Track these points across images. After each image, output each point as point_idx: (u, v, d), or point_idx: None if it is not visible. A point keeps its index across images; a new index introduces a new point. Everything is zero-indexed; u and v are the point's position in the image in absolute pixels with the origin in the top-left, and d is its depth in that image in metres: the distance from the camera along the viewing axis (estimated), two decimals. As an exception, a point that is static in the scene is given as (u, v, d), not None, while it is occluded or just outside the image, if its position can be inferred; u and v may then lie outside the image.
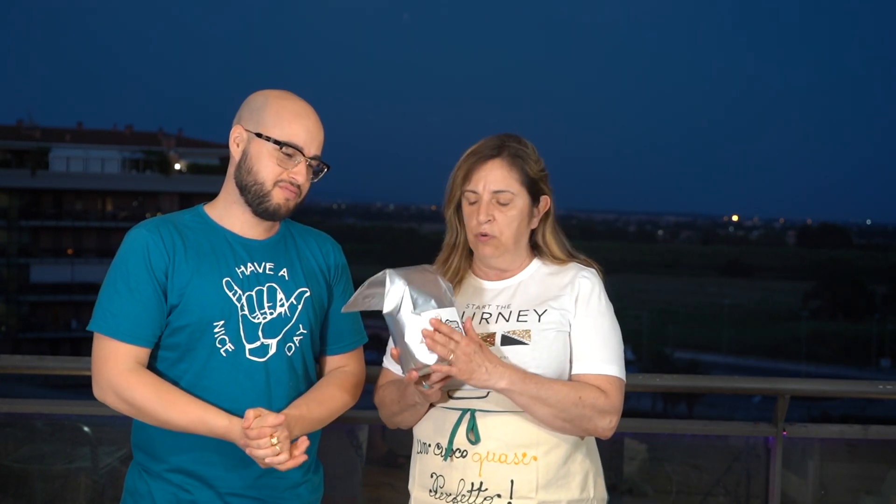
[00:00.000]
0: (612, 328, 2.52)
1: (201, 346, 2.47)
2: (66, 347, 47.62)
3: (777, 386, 3.69)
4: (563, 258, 2.61)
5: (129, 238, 2.50)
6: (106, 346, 2.45)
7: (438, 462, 2.49)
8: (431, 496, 2.50)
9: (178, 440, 2.46)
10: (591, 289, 2.53)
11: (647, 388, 3.66)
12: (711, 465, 3.94)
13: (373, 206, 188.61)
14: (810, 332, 65.83)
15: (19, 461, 3.91)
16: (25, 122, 57.00)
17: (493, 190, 2.52)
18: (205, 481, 2.48)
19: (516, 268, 2.61)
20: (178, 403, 2.42)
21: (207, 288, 2.47)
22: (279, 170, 2.50)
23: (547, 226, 2.63)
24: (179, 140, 57.28)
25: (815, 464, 3.87)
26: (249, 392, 2.48)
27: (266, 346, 2.52)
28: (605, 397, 2.44)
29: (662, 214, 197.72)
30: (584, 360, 2.48)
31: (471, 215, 2.55)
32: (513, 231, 2.54)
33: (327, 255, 2.69)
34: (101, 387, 2.46)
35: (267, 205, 2.51)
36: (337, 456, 3.62)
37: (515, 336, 2.48)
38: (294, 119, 2.51)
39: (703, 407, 45.52)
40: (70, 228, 51.41)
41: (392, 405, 2.57)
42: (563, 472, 2.46)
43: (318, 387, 2.62)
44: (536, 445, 2.44)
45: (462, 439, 2.46)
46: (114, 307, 2.45)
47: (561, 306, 2.50)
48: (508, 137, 2.58)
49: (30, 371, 3.71)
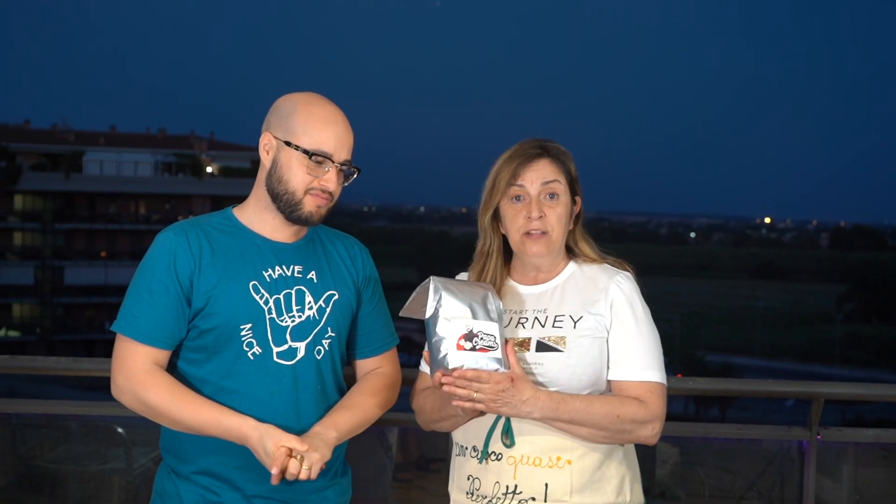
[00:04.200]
0: (649, 332, 2.51)
1: (228, 348, 2.49)
2: (99, 349, 47.95)
3: (811, 389, 3.67)
4: (596, 258, 2.61)
5: (157, 242, 2.52)
6: (125, 347, 2.48)
7: (474, 465, 2.50)
8: (468, 498, 2.51)
9: (205, 443, 2.47)
10: (628, 293, 2.52)
11: (680, 391, 3.65)
12: (745, 469, 3.91)
13: (403, 209, 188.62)
14: (844, 334, 65.23)
15: (54, 462, 3.94)
16: (60, 127, 57.47)
17: (543, 181, 2.53)
18: (231, 483, 2.49)
19: (554, 271, 2.60)
20: (192, 404, 2.43)
21: (234, 291, 2.49)
22: (310, 178, 2.50)
23: (578, 228, 2.63)
24: (211, 143, 57.59)
25: (850, 468, 3.84)
26: (277, 395, 2.49)
27: (294, 349, 2.52)
28: (644, 408, 2.44)
29: (694, 216, 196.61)
30: (623, 367, 2.47)
31: (517, 214, 2.55)
32: (562, 227, 2.55)
33: (355, 259, 2.69)
34: (119, 386, 2.49)
35: (299, 213, 2.52)
36: (366, 458, 3.63)
37: (550, 342, 2.47)
38: (323, 126, 2.51)
39: (735, 410, 45.22)
40: (103, 231, 51.81)
41: (432, 413, 2.58)
42: (597, 476, 2.45)
43: (351, 395, 2.62)
44: (571, 449, 2.44)
45: (497, 442, 2.47)
46: (136, 309, 2.48)
47: (597, 311, 2.50)
48: (546, 140, 2.60)
49: (64, 373, 3.74)
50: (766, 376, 48.70)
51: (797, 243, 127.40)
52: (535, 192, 2.54)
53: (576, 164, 2.62)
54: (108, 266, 50.90)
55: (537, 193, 2.54)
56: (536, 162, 2.56)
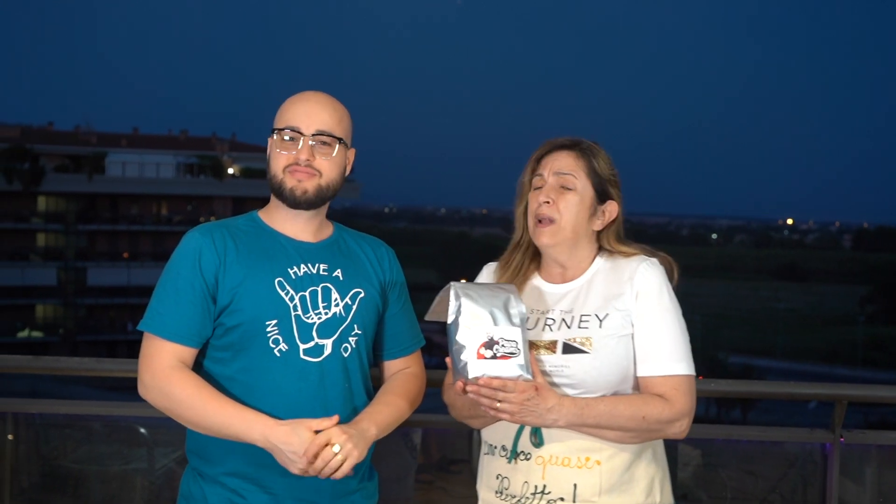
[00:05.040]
0: (676, 323, 2.50)
1: (254, 345, 2.48)
2: (122, 350, 48.16)
3: (834, 392, 3.64)
4: (628, 251, 2.59)
5: (183, 242, 2.54)
6: (152, 345, 2.48)
7: (503, 464, 2.50)
8: (497, 497, 2.51)
9: (233, 443, 2.46)
10: (652, 283, 2.50)
11: (702, 393, 3.59)
12: (767, 471, 3.89)
13: (424, 210, 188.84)
14: (867, 336, 64.80)
15: (77, 462, 3.96)
16: (82, 128, 57.81)
17: (558, 172, 2.56)
18: (259, 484, 2.48)
19: (579, 267, 2.59)
20: (217, 401, 2.42)
21: (259, 287, 2.49)
22: (285, 156, 2.56)
23: (611, 231, 2.61)
24: (233, 144, 57.75)
25: (873, 471, 3.81)
26: (304, 392, 2.48)
27: (321, 346, 2.52)
28: (670, 406, 2.43)
29: (716, 218, 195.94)
30: (650, 362, 2.46)
31: (533, 200, 2.58)
32: (572, 216, 2.54)
33: (382, 260, 2.70)
34: (145, 384, 2.48)
35: (285, 192, 2.56)
36: (390, 459, 3.62)
37: (576, 344, 2.46)
38: (290, 105, 2.59)
39: (757, 412, 44.98)
40: (126, 232, 52.03)
41: (463, 409, 2.58)
42: (626, 476, 2.45)
43: (383, 394, 2.62)
44: (600, 450, 2.43)
45: (526, 442, 2.47)
46: (162, 307, 2.49)
47: (623, 306, 2.48)
48: (580, 138, 2.63)
49: (87, 373, 3.76)
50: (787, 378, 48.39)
51: (819, 244, 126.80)
52: (551, 180, 2.57)
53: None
54: (131, 267, 51.11)
55: (552, 182, 2.56)
56: (557, 153, 2.60)
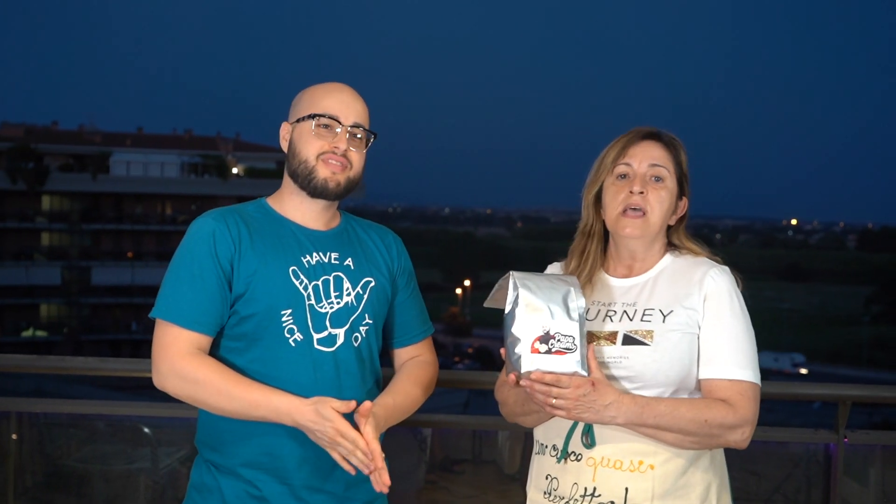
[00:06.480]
0: (744, 329, 2.40)
1: (269, 335, 2.46)
2: (126, 349, 48.21)
3: (838, 392, 3.64)
4: (697, 251, 2.53)
5: (195, 226, 2.49)
6: (168, 332, 2.43)
7: (553, 464, 2.43)
8: (545, 498, 2.43)
9: (247, 434, 2.44)
10: (723, 288, 2.42)
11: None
12: (771, 471, 3.89)
13: (428, 210, 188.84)
14: (871, 337, 64.79)
15: (81, 461, 3.97)
16: (87, 128, 57.83)
17: (650, 163, 2.49)
18: (275, 474, 2.45)
19: (648, 262, 2.52)
20: (243, 382, 2.38)
21: (274, 276, 2.46)
22: (320, 142, 2.52)
23: (681, 228, 2.57)
24: (237, 144, 57.78)
25: (877, 471, 3.81)
26: (320, 383, 2.45)
27: (334, 335, 2.50)
28: (733, 412, 2.33)
29: (720, 218, 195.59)
30: (714, 365, 2.37)
31: (619, 190, 2.49)
32: (662, 211, 2.48)
33: (390, 247, 2.69)
34: (162, 372, 2.42)
35: (315, 181, 2.52)
36: (400, 455, 3.62)
37: (637, 336, 2.38)
38: (326, 93, 2.56)
39: (761, 412, 44.59)
40: (130, 232, 52.04)
41: (514, 406, 2.51)
42: (681, 482, 2.35)
43: (397, 381, 2.60)
44: (654, 454, 2.34)
45: (577, 442, 2.38)
46: (177, 294, 2.44)
47: (690, 305, 2.40)
48: (663, 130, 2.56)
49: (91, 372, 3.76)
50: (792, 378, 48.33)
51: (824, 245, 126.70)
52: (642, 171, 2.48)
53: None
54: (135, 266, 51.11)
55: (644, 172, 2.48)
56: (647, 142, 2.52)
